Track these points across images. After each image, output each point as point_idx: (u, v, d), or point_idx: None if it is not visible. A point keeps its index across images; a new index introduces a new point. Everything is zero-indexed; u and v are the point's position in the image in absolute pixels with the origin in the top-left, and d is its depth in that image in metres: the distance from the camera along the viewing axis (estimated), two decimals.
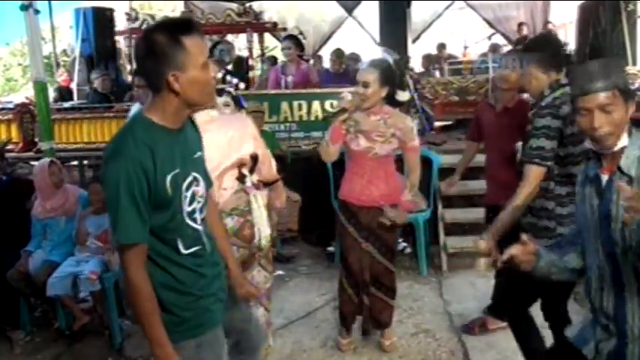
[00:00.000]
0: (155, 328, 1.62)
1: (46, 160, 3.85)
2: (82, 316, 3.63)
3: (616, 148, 1.63)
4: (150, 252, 1.66)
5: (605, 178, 1.66)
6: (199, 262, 1.75)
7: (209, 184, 1.85)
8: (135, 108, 4.63)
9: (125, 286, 1.68)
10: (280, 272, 4.52)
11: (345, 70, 6.64)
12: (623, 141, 1.63)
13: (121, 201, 1.55)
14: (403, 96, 3.11)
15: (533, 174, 2.35)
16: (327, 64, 8.04)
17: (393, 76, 3.02)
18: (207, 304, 1.78)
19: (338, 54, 6.85)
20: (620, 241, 1.64)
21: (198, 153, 1.78)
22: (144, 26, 7.53)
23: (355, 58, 7.44)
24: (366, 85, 2.94)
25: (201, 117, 2.64)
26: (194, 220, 1.72)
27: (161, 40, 1.57)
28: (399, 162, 3.26)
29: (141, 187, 1.57)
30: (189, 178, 1.70)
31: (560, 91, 2.41)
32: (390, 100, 3.05)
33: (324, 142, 3.07)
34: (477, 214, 4.05)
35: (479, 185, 4.34)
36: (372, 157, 3.04)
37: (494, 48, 8.90)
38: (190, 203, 1.70)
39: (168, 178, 1.62)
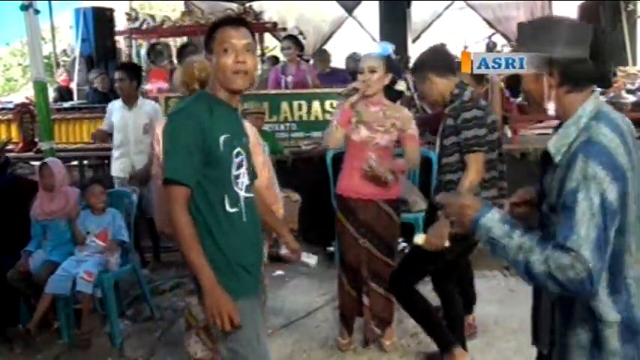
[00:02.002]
0: (196, 252, 1.83)
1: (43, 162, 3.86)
2: (36, 325, 3.56)
3: (551, 113, 1.55)
4: (199, 211, 1.89)
5: None
6: (236, 225, 1.94)
7: (254, 175, 2.11)
8: (117, 103, 4.64)
9: (170, 221, 1.87)
10: (280, 272, 4.52)
11: (331, 71, 6.56)
12: (550, 109, 1.55)
13: (178, 145, 1.84)
14: (401, 85, 3.20)
15: (476, 160, 2.60)
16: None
17: (394, 63, 3.14)
18: (238, 273, 1.95)
19: (323, 55, 6.87)
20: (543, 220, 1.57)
21: (245, 140, 2.05)
22: (144, 26, 7.55)
23: (355, 57, 7.42)
24: (372, 70, 2.99)
25: None
26: (237, 184, 1.95)
27: (207, 33, 1.97)
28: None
29: (197, 139, 1.84)
30: (238, 149, 1.95)
31: (469, 91, 2.71)
32: (387, 92, 3.13)
33: (333, 126, 3.05)
34: None
35: None
36: (373, 148, 3.05)
37: (491, 47, 8.90)
38: (237, 169, 1.95)
39: (222, 138, 1.88)
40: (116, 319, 3.57)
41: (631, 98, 5.11)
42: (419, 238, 2.61)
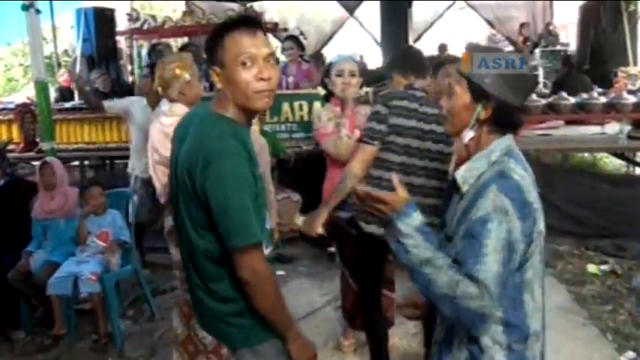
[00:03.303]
0: (288, 316, 1.65)
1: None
2: (61, 327, 3.61)
3: (465, 141, 1.52)
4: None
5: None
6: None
7: None
8: (139, 100, 4.48)
9: (254, 288, 1.55)
10: (281, 272, 4.52)
11: None
12: (466, 137, 1.51)
13: (244, 201, 1.50)
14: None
15: (363, 151, 2.60)
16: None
17: (363, 68, 3.19)
18: None
19: (321, 58, 6.95)
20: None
21: None
22: (145, 26, 7.55)
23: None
24: (353, 73, 3.03)
25: (180, 109, 2.65)
26: (267, 221, 1.68)
27: (209, 36, 1.59)
28: None
29: (252, 185, 1.53)
30: (261, 182, 1.63)
31: (399, 91, 2.65)
32: None
33: (345, 137, 2.97)
34: None
35: None
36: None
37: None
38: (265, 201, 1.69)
39: (258, 172, 1.58)
40: (117, 319, 3.58)
41: (632, 99, 5.10)
42: (299, 220, 2.64)
